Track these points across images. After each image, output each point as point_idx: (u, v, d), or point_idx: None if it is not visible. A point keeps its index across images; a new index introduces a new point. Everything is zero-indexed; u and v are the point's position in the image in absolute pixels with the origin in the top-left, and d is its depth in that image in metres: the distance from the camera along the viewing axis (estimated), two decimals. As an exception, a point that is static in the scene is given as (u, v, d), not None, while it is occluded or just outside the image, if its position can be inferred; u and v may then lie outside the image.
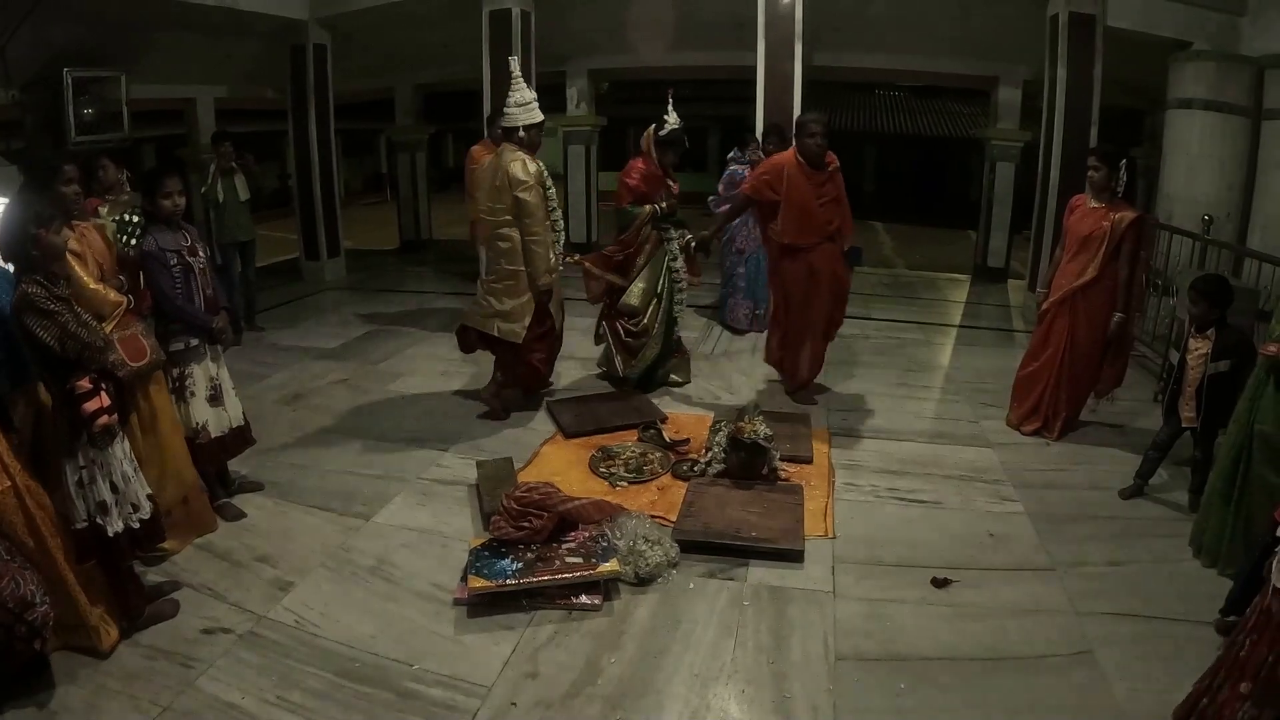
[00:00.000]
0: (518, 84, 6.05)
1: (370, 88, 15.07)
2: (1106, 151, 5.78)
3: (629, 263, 6.81)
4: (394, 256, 14.69)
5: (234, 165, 8.61)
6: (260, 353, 8.20)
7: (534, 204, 5.94)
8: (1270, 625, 2.73)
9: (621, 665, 3.55)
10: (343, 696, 3.36)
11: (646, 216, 6.69)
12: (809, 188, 6.24)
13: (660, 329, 6.86)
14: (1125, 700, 3.33)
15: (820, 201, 6.29)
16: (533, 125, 6.06)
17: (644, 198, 6.70)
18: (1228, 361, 4.61)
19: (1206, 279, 4.89)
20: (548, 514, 4.27)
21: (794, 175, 6.23)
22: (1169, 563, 4.39)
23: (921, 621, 3.89)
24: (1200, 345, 4.72)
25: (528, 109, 6.03)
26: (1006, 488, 5.24)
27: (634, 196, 6.71)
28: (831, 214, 6.36)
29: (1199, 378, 4.73)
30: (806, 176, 6.24)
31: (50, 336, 3.24)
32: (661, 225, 6.78)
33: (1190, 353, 4.77)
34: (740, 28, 9.88)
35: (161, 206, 4.45)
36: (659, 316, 6.84)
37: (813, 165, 6.24)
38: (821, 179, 6.27)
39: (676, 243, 6.85)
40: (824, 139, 6.18)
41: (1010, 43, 10.96)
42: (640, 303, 6.76)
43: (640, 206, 6.69)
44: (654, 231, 6.77)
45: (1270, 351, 3.85)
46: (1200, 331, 4.74)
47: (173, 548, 4.37)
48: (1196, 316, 4.74)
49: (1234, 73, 8.56)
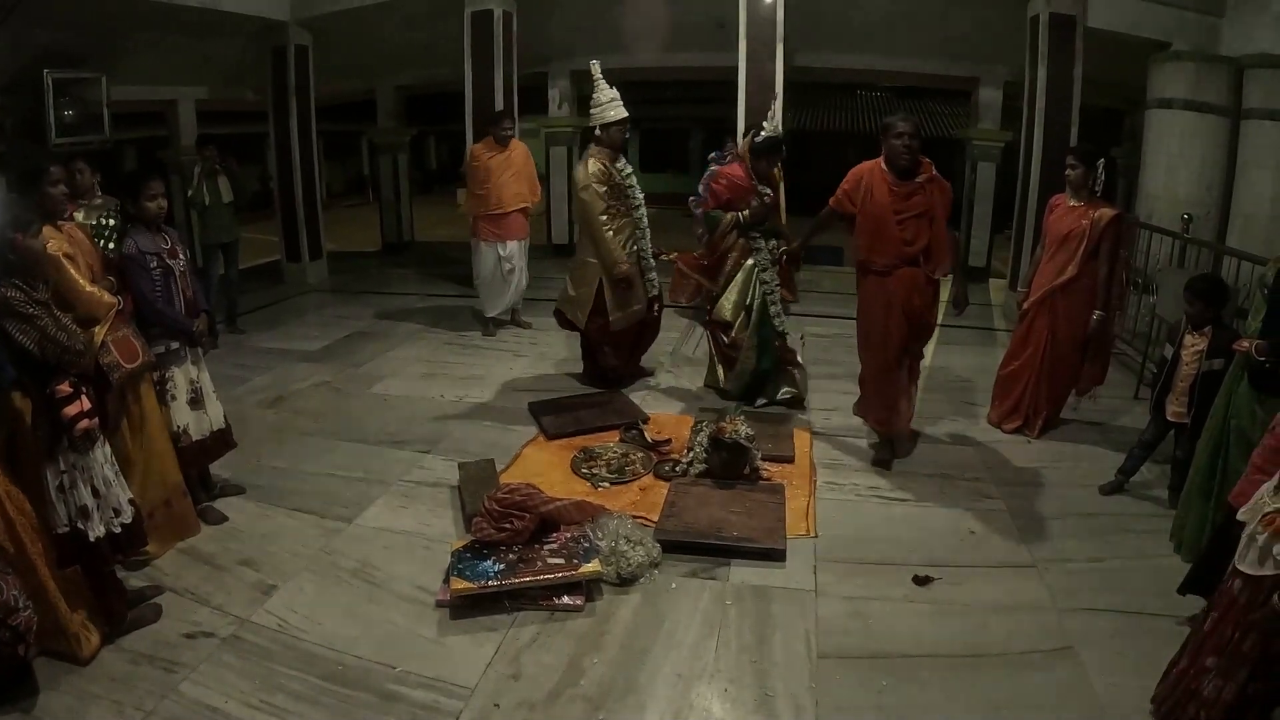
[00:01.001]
0: (598, 85, 6.40)
1: (352, 89, 15.00)
2: (1084, 151, 5.83)
3: (716, 268, 6.70)
4: (376, 258, 14.63)
5: (218, 168, 8.61)
6: (242, 355, 8.16)
7: (589, 203, 6.45)
8: (1234, 605, 2.85)
9: (604, 666, 3.56)
10: (326, 700, 3.35)
11: (727, 224, 6.46)
12: (887, 199, 5.37)
13: (752, 342, 6.53)
14: (1106, 695, 3.35)
15: (900, 216, 5.36)
16: (608, 124, 6.43)
17: (728, 205, 6.49)
18: (1221, 360, 4.65)
19: (1202, 279, 4.94)
20: (529, 515, 4.26)
21: (874, 183, 5.42)
22: (1149, 558, 4.43)
23: (903, 619, 3.91)
24: (1196, 342, 4.76)
25: (602, 109, 6.43)
26: (987, 485, 5.28)
27: (717, 203, 6.58)
28: (915, 232, 5.39)
29: (1193, 374, 4.77)
30: (889, 186, 5.37)
31: (29, 340, 3.22)
32: (751, 235, 6.47)
33: (1186, 349, 4.80)
34: (722, 29, 9.88)
35: (145, 209, 4.42)
36: (749, 329, 6.52)
37: (899, 174, 5.38)
38: (907, 190, 5.35)
39: (766, 254, 6.49)
40: (914, 142, 5.27)
41: (991, 43, 10.99)
42: (731, 315, 6.54)
43: (723, 213, 6.52)
44: (740, 240, 6.50)
45: (1243, 347, 3.88)
46: (1197, 329, 4.77)
47: (155, 552, 4.35)
48: (1193, 315, 4.77)
49: (1213, 73, 8.61)
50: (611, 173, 6.48)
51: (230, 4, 9.58)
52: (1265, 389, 3.85)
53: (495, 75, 10.03)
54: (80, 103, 9.03)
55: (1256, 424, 3.81)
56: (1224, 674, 2.84)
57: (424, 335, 8.89)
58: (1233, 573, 2.89)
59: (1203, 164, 8.67)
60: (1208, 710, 2.88)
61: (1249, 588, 2.79)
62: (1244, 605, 2.80)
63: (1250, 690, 2.77)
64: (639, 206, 6.62)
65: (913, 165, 5.33)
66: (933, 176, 5.37)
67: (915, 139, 5.30)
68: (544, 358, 8.00)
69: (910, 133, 5.28)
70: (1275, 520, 2.68)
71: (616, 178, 6.50)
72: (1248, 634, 2.77)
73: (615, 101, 6.43)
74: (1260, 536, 2.73)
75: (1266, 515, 2.73)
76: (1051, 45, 8.96)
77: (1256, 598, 2.73)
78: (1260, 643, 2.73)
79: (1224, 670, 2.84)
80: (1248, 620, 2.77)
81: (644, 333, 7.16)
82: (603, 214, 6.46)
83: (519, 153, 8.60)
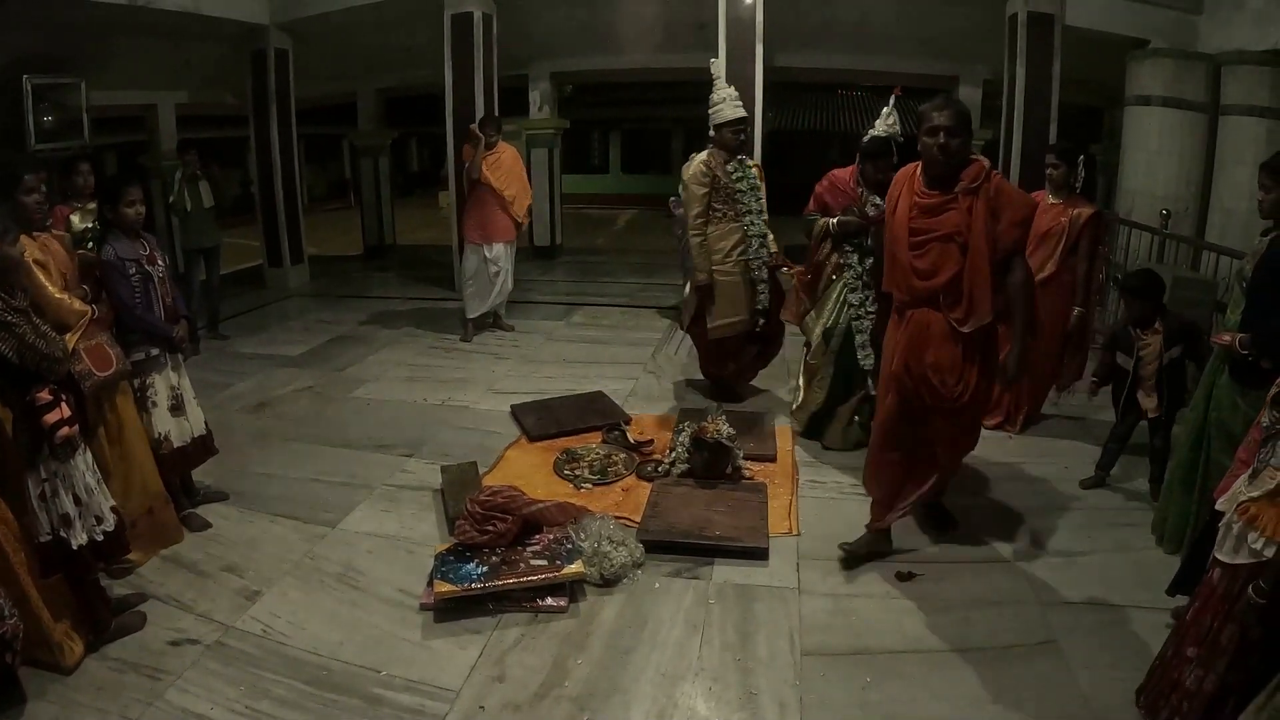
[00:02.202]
0: (715, 83, 6.21)
1: (332, 92, 15.00)
2: (1064, 149, 5.87)
3: (814, 282, 5.85)
4: (358, 262, 14.64)
5: (198, 173, 8.60)
6: (224, 361, 8.13)
7: (689, 201, 6.18)
8: (1214, 595, 2.88)
9: (589, 666, 3.56)
10: (311, 704, 3.34)
11: (819, 231, 5.68)
12: (907, 212, 4.02)
13: (826, 372, 5.78)
14: (1089, 688, 3.36)
15: (919, 238, 3.97)
16: (721, 124, 6.10)
17: (823, 209, 5.70)
18: (1179, 347, 4.72)
19: (1134, 276, 5.01)
20: (512, 517, 4.27)
21: (901, 192, 4.08)
22: (1131, 551, 4.45)
23: (887, 615, 3.92)
24: (1151, 340, 4.79)
25: (716, 109, 6.13)
26: (969, 481, 5.27)
27: (814, 205, 5.76)
28: (936, 261, 3.94)
29: (1155, 370, 4.81)
30: (916, 195, 4.01)
31: (8, 348, 3.20)
32: (845, 248, 5.62)
33: (1144, 349, 4.83)
34: (702, 29, 9.90)
35: (124, 215, 4.40)
36: (826, 356, 5.76)
37: (930, 180, 3.99)
38: (934, 202, 3.95)
39: (857, 271, 5.58)
40: (954, 140, 3.86)
41: (970, 42, 11.07)
42: (816, 338, 5.80)
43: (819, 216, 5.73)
44: (834, 254, 5.68)
45: (1224, 341, 3.91)
46: (1146, 327, 4.81)
47: (139, 559, 4.33)
48: (1138, 316, 4.81)
49: (1191, 70, 8.70)
50: (717, 174, 6.08)
51: (210, 8, 9.58)
52: (1247, 382, 3.88)
53: (475, 77, 10.05)
54: (59, 108, 9.03)
55: (1239, 416, 3.83)
56: (1204, 664, 2.86)
57: (406, 339, 8.89)
58: (1213, 562, 2.92)
59: (1181, 160, 8.76)
60: (1190, 701, 2.91)
61: (1226, 576, 2.82)
62: (1222, 594, 2.83)
63: (1229, 680, 2.80)
64: (749, 212, 6.18)
65: (949, 170, 3.93)
66: (973, 186, 3.90)
67: (957, 135, 3.88)
68: (526, 360, 8.00)
69: (949, 126, 3.86)
70: (1250, 509, 2.72)
71: (724, 179, 6.09)
72: (1226, 624, 2.80)
73: (728, 101, 6.10)
74: (1236, 525, 2.77)
75: (1241, 504, 2.76)
76: (1030, 43, 9.02)
77: (1233, 587, 2.77)
78: (1238, 633, 2.76)
79: (1204, 661, 2.87)
80: (1226, 610, 2.80)
81: (750, 346, 6.62)
82: (699, 216, 6.13)
83: (508, 155, 8.60)
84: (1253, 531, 2.70)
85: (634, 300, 10.77)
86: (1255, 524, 2.69)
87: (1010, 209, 3.91)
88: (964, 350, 3.98)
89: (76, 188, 5.90)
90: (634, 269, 13.31)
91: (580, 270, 13.33)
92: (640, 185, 28.34)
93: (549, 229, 13.72)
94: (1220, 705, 2.82)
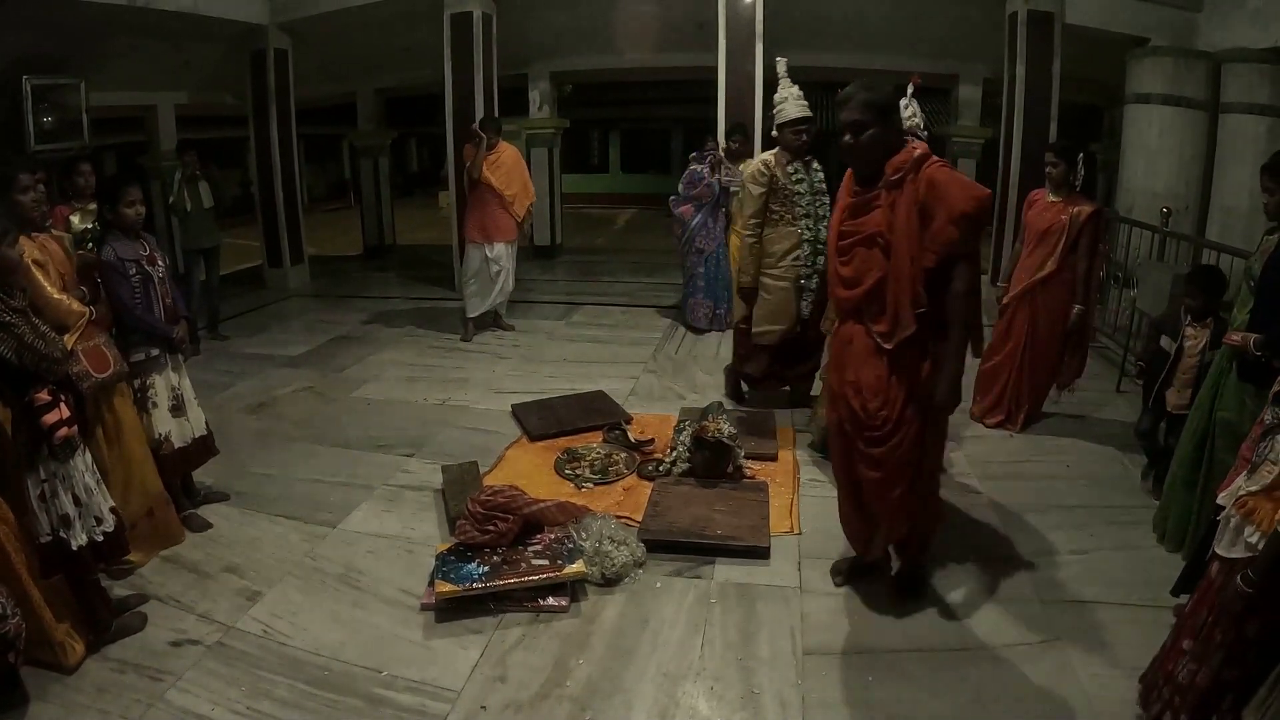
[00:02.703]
0: (781, 82, 5.87)
1: (332, 92, 15.00)
2: (1063, 147, 5.86)
3: None
4: (357, 262, 14.63)
5: (198, 173, 8.60)
6: (224, 361, 8.12)
7: (744, 201, 6.04)
8: (1211, 589, 2.87)
9: (590, 666, 3.55)
10: (312, 705, 3.34)
11: None
12: (839, 215, 3.64)
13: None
14: (1091, 687, 3.36)
15: (845, 241, 3.58)
16: (783, 124, 5.82)
17: None
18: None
19: (1203, 271, 4.94)
20: (513, 517, 4.26)
21: (841, 193, 3.69)
22: (1133, 550, 4.44)
23: (888, 615, 3.91)
24: (1198, 334, 4.75)
25: (779, 108, 5.85)
26: (971, 480, 5.29)
27: None
28: (860, 268, 3.53)
29: (1195, 366, 4.77)
30: (849, 195, 3.61)
31: (7, 349, 3.20)
32: None
33: (1189, 340, 4.80)
34: (701, 29, 9.90)
35: (124, 215, 4.39)
36: None
37: (859, 176, 3.55)
38: (861, 200, 3.52)
39: None
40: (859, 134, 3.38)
41: (970, 41, 11.06)
42: None
43: None
44: None
45: (1235, 341, 3.90)
46: (1199, 321, 4.78)
47: (139, 560, 4.33)
48: (1195, 308, 4.77)
49: (1191, 68, 8.69)
50: (775, 175, 5.82)
51: (210, 8, 9.57)
52: (1256, 381, 3.87)
53: (475, 77, 10.05)
54: (59, 108, 9.01)
55: (1246, 416, 3.82)
56: (1198, 658, 2.86)
57: (406, 339, 8.89)
58: (1212, 556, 2.92)
59: (1181, 158, 8.75)
60: (1181, 695, 2.90)
61: (1223, 571, 2.82)
62: (1218, 588, 2.83)
63: (1225, 676, 2.78)
64: (807, 216, 5.87)
65: (869, 166, 3.47)
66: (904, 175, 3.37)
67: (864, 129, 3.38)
68: (527, 360, 8.00)
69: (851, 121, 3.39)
70: (1247, 503, 2.71)
71: (782, 180, 5.83)
72: (1221, 617, 2.79)
73: (790, 100, 5.77)
74: (1234, 519, 2.77)
75: (1239, 499, 2.76)
76: (1030, 42, 9.03)
77: (1229, 581, 2.76)
78: (1233, 626, 2.75)
79: (1198, 654, 2.86)
80: (1219, 603, 2.79)
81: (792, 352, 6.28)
82: (754, 217, 5.90)
83: (509, 155, 8.60)
84: (1249, 525, 2.69)
85: (634, 300, 10.75)
86: (1252, 518, 2.69)
87: (944, 204, 3.30)
88: (889, 368, 3.50)
89: (77, 188, 5.89)
90: (634, 268, 13.27)
91: (580, 270, 13.31)
92: (640, 185, 28.31)
93: (549, 228, 13.71)
94: (1215, 701, 2.81)
